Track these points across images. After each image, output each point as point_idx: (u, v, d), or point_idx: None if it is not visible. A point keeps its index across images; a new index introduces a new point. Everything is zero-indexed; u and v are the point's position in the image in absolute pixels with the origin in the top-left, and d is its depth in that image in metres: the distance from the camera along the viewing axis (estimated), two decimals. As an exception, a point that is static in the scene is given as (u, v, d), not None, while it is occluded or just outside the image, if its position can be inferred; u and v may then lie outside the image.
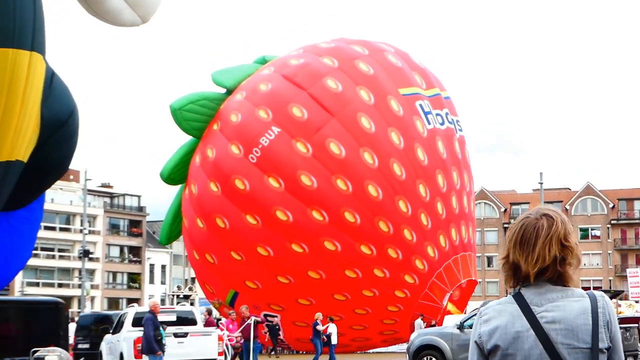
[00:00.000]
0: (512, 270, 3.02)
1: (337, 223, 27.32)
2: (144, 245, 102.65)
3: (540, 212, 3.06)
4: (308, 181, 27.21)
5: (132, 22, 8.57)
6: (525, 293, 2.98)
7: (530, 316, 2.93)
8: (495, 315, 3.03)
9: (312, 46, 30.78)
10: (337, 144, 27.41)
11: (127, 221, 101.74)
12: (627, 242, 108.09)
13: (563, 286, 2.97)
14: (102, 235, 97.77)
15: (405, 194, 27.87)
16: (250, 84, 29.46)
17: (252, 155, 27.70)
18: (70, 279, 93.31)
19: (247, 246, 28.07)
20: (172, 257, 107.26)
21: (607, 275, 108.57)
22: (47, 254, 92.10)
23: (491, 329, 3.01)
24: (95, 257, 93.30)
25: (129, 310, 23.27)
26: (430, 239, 28.34)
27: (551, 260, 2.94)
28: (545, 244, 2.94)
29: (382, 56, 29.91)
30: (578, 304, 2.94)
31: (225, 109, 29.41)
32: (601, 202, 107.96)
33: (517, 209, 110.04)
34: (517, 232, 3.01)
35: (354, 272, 27.87)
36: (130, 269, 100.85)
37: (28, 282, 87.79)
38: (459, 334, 23.06)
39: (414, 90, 29.34)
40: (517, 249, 2.98)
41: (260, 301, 29.21)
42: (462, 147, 30.72)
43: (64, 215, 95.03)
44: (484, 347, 3.03)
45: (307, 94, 28.04)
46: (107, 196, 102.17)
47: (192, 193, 29.50)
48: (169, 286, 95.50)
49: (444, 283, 28.66)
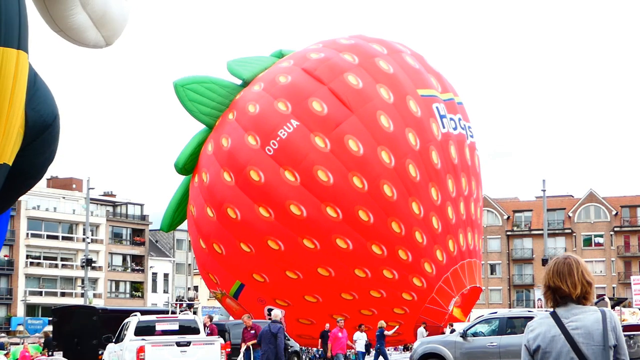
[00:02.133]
0: (552, 293, 4.48)
1: (351, 221, 27.13)
2: (147, 254, 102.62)
3: (566, 255, 4.57)
4: (324, 177, 26.99)
5: (95, 42, 8.37)
6: (558, 311, 4.46)
7: (561, 325, 4.41)
8: (537, 326, 4.52)
9: (331, 41, 30.54)
10: (355, 141, 27.18)
11: (129, 230, 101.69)
12: (630, 249, 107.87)
13: (583, 305, 4.43)
14: (105, 244, 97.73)
15: (419, 196, 27.70)
16: (269, 76, 29.18)
17: (269, 147, 27.43)
18: (73, 287, 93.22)
19: (257, 238, 27.80)
20: (175, 266, 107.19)
21: (610, 283, 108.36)
22: (50, 263, 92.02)
23: (535, 335, 4.51)
24: (98, 266, 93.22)
25: (131, 319, 23.18)
26: (439, 243, 28.22)
27: (581, 287, 4.44)
28: (578, 275, 4.45)
29: (400, 57, 29.73)
30: (593, 316, 4.41)
31: (242, 99, 29.11)
32: (604, 209, 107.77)
33: (519, 216, 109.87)
34: (554, 267, 4.50)
35: (364, 271, 27.69)
36: (133, 277, 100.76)
37: (31, 290, 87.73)
38: (462, 342, 22.96)
39: (431, 93, 29.19)
40: (556, 277, 4.46)
41: (266, 295, 29.01)
42: (472, 153, 30.53)
43: (66, 224, 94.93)
44: (530, 348, 4.52)
45: (328, 88, 27.81)
46: (110, 205, 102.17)
47: (202, 181, 29.14)
48: (171, 295, 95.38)
49: (451, 288, 28.56)
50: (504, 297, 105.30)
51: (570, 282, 4.42)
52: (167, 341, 21.19)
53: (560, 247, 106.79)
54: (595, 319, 4.38)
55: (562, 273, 4.45)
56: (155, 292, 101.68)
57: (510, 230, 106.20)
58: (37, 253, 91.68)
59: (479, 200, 31.32)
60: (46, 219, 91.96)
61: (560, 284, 4.42)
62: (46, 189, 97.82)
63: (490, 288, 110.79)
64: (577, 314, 4.41)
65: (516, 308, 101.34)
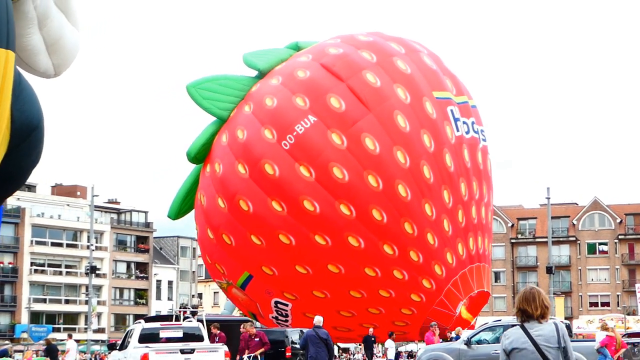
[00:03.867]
0: (521, 314, 6.36)
1: (364, 219, 27.08)
2: (151, 262, 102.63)
3: (531, 287, 6.50)
4: (340, 174, 26.92)
5: (45, 69, 8.26)
6: (525, 325, 6.33)
7: (528, 334, 6.31)
8: (511, 335, 6.37)
9: (349, 37, 30.40)
10: (372, 140, 27.11)
11: (134, 237, 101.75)
12: (635, 257, 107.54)
13: (544, 320, 6.35)
14: (109, 251, 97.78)
15: (432, 198, 27.67)
16: (287, 70, 29.07)
17: (285, 141, 27.32)
18: (77, 295, 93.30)
19: (268, 232, 27.73)
20: (179, 273, 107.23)
21: (615, 291, 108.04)
22: (54, 270, 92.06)
23: (510, 341, 6.33)
24: (102, 273, 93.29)
25: (135, 327, 23.18)
26: (450, 246, 28.19)
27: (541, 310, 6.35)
28: (539, 302, 6.36)
29: (418, 56, 29.64)
30: (549, 327, 6.32)
31: (259, 92, 29.00)
32: (608, 217, 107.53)
33: (524, 224, 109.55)
34: (523, 295, 6.41)
35: (374, 270, 27.66)
36: (137, 285, 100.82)
37: (35, 298, 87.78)
38: (466, 350, 22.95)
39: (447, 95, 29.13)
40: (525, 302, 6.36)
41: (274, 288, 28.98)
42: (485, 157, 30.45)
43: (71, 232, 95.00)
44: (507, 350, 6.31)
45: (346, 85, 27.72)
46: (114, 212, 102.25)
47: (215, 172, 29.04)
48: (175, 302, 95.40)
49: (459, 291, 28.52)
50: (508, 305, 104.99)
51: (534, 306, 6.36)
52: (171, 348, 21.19)
53: (564, 255, 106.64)
54: (551, 329, 6.34)
55: (528, 299, 6.39)
56: (159, 300, 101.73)
57: (515, 237, 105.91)
58: (41, 260, 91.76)
59: (490, 205, 31.22)
60: (50, 226, 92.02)
61: (527, 307, 6.37)
62: (51, 196, 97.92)
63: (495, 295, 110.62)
64: (539, 326, 6.33)
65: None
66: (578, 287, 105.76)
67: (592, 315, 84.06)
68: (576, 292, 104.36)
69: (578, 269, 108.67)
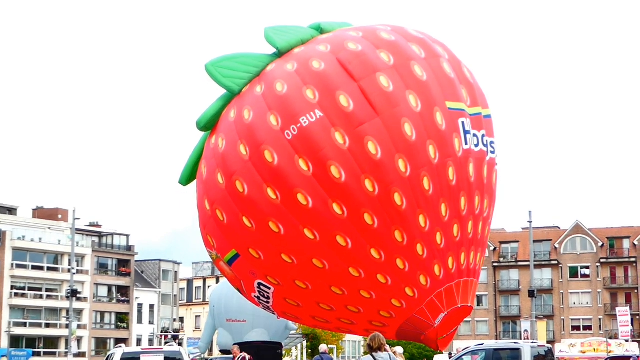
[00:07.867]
0: (369, 348, 16.34)
1: (355, 221, 26.82)
2: (132, 285, 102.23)
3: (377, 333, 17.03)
4: (337, 173, 26.60)
5: None
6: (373, 354, 16.08)
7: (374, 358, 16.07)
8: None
9: (371, 31, 29.58)
10: (375, 144, 26.73)
11: (115, 260, 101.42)
12: (616, 281, 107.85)
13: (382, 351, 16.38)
14: (90, 274, 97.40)
15: (427, 210, 27.45)
16: (304, 57, 28.50)
17: (288, 131, 26.90)
18: (58, 319, 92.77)
19: (260, 217, 27.53)
20: (161, 297, 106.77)
21: (597, 314, 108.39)
22: (34, 294, 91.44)
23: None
24: (83, 296, 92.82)
25: (116, 351, 23.04)
26: (439, 258, 28.06)
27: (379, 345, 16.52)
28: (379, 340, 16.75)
29: (438, 62, 29.12)
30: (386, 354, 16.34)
31: (272, 73, 28.54)
32: (590, 241, 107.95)
33: (506, 247, 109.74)
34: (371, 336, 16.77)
35: (358, 271, 27.58)
36: (118, 308, 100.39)
37: (15, 322, 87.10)
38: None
39: (460, 106, 28.68)
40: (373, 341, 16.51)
41: (259, 270, 28.87)
42: (491, 170, 30.08)
43: (52, 255, 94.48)
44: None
45: (358, 85, 27.18)
46: (96, 235, 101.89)
47: (218, 145, 28.75)
48: (157, 326, 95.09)
49: (442, 303, 28.46)
50: (490, 329, 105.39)
51: (377, 342, 15.83)
52: None
53: (546, 278, 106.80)
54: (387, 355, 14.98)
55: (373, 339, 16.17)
56: (140, 323, 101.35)
57: (497, 261, 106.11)
58: (22, 284, 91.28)
59: (489, 219, 31.02)
60: (31, 249, 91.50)
61: (373, 343, 15.79)
62: (31, 220, 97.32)
63: (477, 319, 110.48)
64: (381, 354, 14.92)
65: (503, 339, 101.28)
66: (560, 310, 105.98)
67: (575, 339, 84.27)
68: (558, 315, 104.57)
69: (560, 293, 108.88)
